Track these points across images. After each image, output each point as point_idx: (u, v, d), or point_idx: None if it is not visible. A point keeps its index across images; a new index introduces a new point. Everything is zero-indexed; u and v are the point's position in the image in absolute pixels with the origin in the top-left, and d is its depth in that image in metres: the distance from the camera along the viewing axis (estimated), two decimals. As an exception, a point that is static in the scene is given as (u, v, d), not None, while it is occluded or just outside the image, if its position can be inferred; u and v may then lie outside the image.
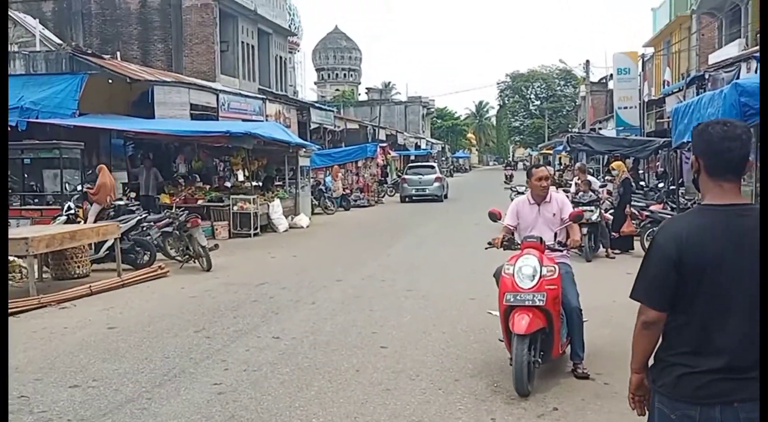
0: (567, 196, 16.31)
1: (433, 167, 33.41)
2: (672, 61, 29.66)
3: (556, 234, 6.21)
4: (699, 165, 2.63)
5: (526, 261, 5.71)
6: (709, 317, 2.51)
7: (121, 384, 5.83)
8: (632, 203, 14.62)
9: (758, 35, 16.85)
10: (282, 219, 18.62)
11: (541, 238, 5.93)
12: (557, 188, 21.34)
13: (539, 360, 5.66)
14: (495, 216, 6.51)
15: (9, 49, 18.17)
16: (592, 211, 12.92)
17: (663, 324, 2.61)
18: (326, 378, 5.91)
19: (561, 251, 6.24)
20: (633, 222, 14.16)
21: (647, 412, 2.77)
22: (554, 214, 6.29)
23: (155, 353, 6.76)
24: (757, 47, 6.73)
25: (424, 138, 64.70)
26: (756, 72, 8.93)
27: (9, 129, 12.28)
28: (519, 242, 6.09)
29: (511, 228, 6.39)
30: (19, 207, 13.58)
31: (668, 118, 19.86)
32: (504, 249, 6.24)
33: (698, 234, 2.53)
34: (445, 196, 31.64)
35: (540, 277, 5.62)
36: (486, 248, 6.53)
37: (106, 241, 11.26)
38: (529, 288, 5.60)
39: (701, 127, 2.67)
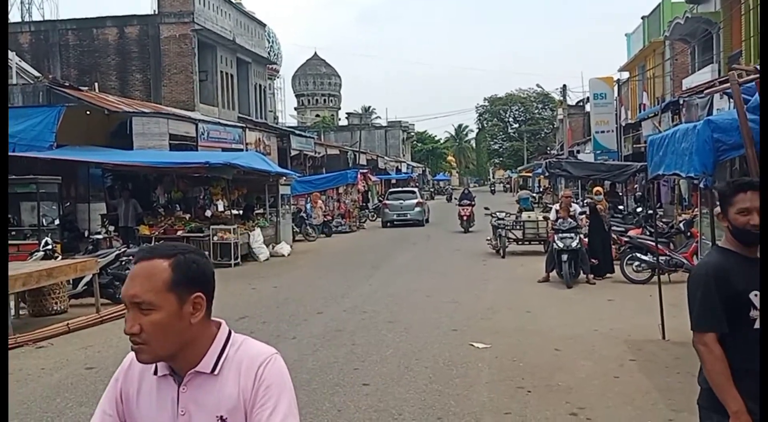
0: (548, 222, 16.52)
1: (413, 192, 33.52)
2: (647, 85, 30.15)
3: None
4: None
5: None
6: None
7: (99, 429, 5.72)
8: (612, 228, 14.77)
9: (729, 61, 17.20)
10: (263, 248, 18.54)
11: None
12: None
13: None
14: None
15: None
16: (572, 237, 13.01)
17: None
18: (308, 419, 5.84)
19: None
20: (613, 246, 14.30)
21: None
22: None
23: (134, 395, 6.64)
24: (727, 84, 6.84)
25: (404, 161, 65.05)
26: (729, 101, 9.07)
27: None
28: None
29: None
30: (-5, 242, 13.40)
31: (645, 142, 20.13)
32: None
33: None
34: (427, 220, 31.69)
35: None
36: None
37: (84, 276, 11.13)
38: None
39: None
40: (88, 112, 17.52)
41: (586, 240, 13.74)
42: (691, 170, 6.59)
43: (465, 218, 25.83)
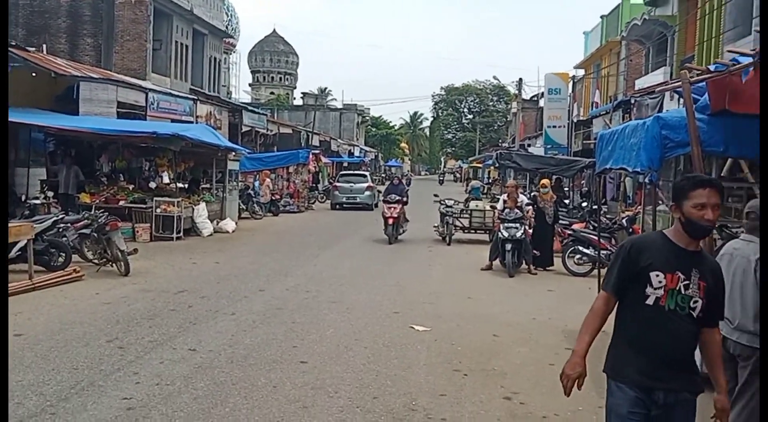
0: (495, 211, 16.65)
1: (365, 176, 33.43)
2: (601, 83, 30.61)
3: None
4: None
5: None
6: None
7: (24, 397, 5.54)
8: (558, 221, 14.98)
9: (681, 64, 17.54)
10: (207, 223, 18.23)
11: None
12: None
13: None
14: None
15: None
16: (516, 228, 13.13)
17: None
18: (242, 394, 5.77)
19: None
20: (556, 239, 14.51)
21: None
22: None
23: (63, 364, 6.46)
24: (678, 83, 6.96)
25: (358, 145, 64.84)
26: (679, 102, 9.23)
27: None
28: None
29: None
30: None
31: (595, 139, 20.44)
32: None
33: None
34: (376, 205, 31.65)
35: None
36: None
37: (18, 242, 10.75)
38: None
39: None
40: (33, 74, 16.87)
41: (531, 231, 13.90)
42: (638, 165, 6.70)
43: (391, 222, 17.69)
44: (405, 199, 18.36)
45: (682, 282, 3.24)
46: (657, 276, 3.23)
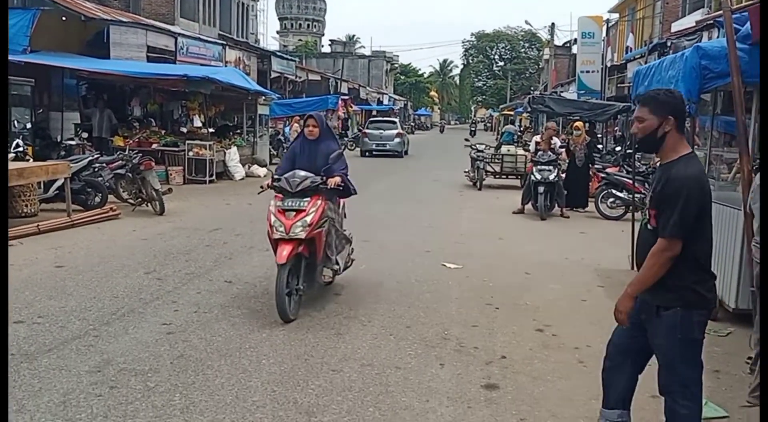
0: (527, 155, 16.49)
1: (394, 123, 33.17)
2: (636, 27, 29.83)
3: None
4: (673, 123, 3.29)
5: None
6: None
7: (68, 321, 5.72)
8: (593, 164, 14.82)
9: (720, 5, 16.98)
10: (239, 167, 18.36)
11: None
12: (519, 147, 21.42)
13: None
14: None
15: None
16: (550, 170, 13.02)
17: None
18: (278, 322, 5.87)
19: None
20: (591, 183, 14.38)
21: None
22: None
23: (104, 292, 6.64)
24: (719, 13, 6.73)
25: (386, 93, 64.26)
26: (718, 38, 8.98)
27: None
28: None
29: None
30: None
31: (629, 83, 20.01)
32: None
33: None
34: (406, 152, 31.55)
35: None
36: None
37: (56, 181, 10.95)
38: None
39: (677, 92, 3.48)
40: (63, 18, 16.90)
41: (564, 175, 13.78)
42: (676, 97, 6.54)
43: (284, 255, 5.93)
44: (339, 178, 6.55)
45: (648, 196, 3.51)
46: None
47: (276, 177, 6.39)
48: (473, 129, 64.09)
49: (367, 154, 30.44)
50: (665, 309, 3.31)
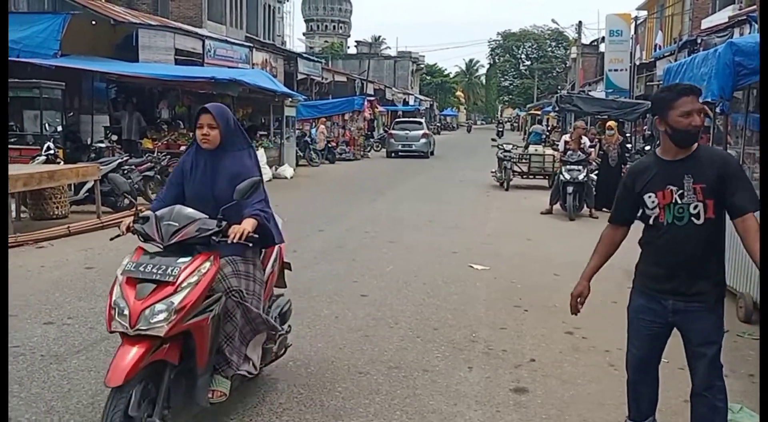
0: (555, 155, 16.32)
1: (420, 123, 33.12)
2: (665, 24, 29.41)
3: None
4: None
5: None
6: None
7: (97, 322, 5.76)
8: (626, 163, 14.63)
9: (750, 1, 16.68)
10: (266, 168, 18.42)
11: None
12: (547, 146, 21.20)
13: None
14: None
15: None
16: (579, 170, 12.88)
17: None
18: (305, 322, 5.87)
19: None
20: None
21: None
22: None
23: (132, 294, 6.67)
24: (753, 7, 6.58)
25: (412, 94, 64.14)
26: (751, 33, 8.81)
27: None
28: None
29: None
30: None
31: (659, 81, 19.74)
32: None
33: None
34: (432, 153, 31.46)
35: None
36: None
37: (86, 183, 11.08)
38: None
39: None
40: (93, 22, 17.15)
41: (594, 175, 13.62)
42: (708, 95, 6.43)
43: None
44: (250, 223, 3.88)
45: (676, 193, 3.26)
46: (649, 197, 3.34)
47: (144, 214, 3.76)
48: (500, 129, 63.10)
49: (393, 154, 30.43)
50: (721, 302, 3.35)
